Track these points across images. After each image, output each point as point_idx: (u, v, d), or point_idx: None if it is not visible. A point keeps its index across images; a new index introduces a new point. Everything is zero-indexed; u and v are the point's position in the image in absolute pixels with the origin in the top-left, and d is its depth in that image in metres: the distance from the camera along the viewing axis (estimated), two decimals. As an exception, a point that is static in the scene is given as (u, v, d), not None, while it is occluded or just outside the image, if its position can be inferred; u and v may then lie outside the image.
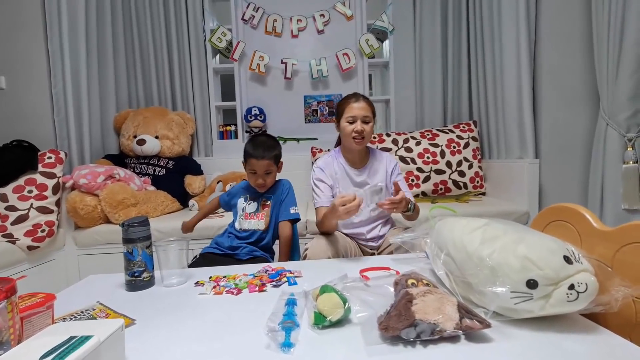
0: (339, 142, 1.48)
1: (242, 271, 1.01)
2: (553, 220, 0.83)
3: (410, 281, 0.72)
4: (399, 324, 0.58)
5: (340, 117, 1.34)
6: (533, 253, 0.62)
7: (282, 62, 2.53)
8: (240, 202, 1.39)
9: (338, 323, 0.66)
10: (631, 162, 1.71)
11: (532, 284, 0.60)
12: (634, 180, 1.70)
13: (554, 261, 0.60)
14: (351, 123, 1.29)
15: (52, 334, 0.52)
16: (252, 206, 1.37)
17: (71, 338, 0.49)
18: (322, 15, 2.55)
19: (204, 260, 1.29)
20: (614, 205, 1.75)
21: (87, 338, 0.49)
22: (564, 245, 0.64)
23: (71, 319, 0.74)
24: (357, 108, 1.29)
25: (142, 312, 0.78)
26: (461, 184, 2.23)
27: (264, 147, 1.29)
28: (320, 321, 0.64)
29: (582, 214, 0.75)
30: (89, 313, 0.77)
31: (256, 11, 2.54)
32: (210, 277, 0.98)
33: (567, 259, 0.61)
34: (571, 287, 0.58)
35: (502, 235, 0.68)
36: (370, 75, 2.88)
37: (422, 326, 0.58)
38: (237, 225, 1.37)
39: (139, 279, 0.93)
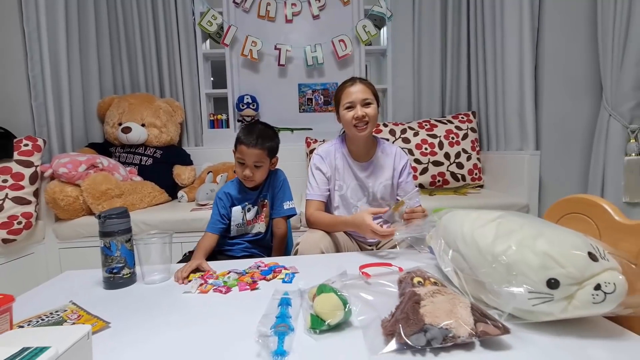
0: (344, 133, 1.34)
1: (233, 267, 0.93)
2: (568, 212, 0.77)
3: (416, 279, 0.66)
4: (407, 329, 0.52)
5: (339, 106, 1.22)
6: (554, 249, 0.56)
7: (275, 48, 2.43)
8: (238, 212, 1.21)
9: (337, 327, 0.59)
10: (634, 155, 1.66)
11: (553, 284, 0.54)
12: (637, 173, 1.66)
13: (578, 258, 0.54)
14: (350, 109, 1.17)
15: (4, 344, 0.44)
16: (252, 212, 1.23)
17: (23, 350, 0.41)
18: (318, -1, 2.45)
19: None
20: (615, 198, 1.71)
21: (42, 350, 0.41)
22: (588, 240, 0.58)
23: (37, 321, 0.66)
24: (354, 92, 1.17)
25: (119, 313, 0.70)
26: (459, 176, 2.18)
27: (258, 134, 1.15)
28: (318, 325, 0.58)
29: (602, 205, 0.69)
30: (58, 315, 0.69)
31: (248, -6, 2.43)
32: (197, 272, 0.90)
33: (592, 256, 0.55)
34: (597, 287, 0.52)
35: (518, 229, 0.62)
36: (366, 66, 2.78)
37: (432, 331, 0.51)
38: (234, 233, 1.22)
39: (117, 275, 0.85)
